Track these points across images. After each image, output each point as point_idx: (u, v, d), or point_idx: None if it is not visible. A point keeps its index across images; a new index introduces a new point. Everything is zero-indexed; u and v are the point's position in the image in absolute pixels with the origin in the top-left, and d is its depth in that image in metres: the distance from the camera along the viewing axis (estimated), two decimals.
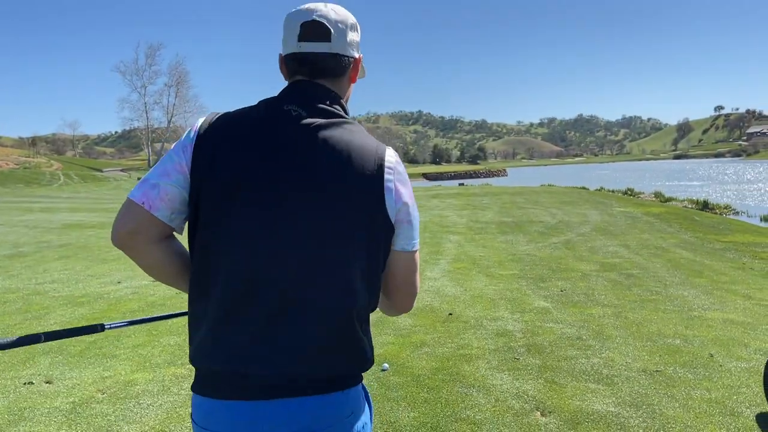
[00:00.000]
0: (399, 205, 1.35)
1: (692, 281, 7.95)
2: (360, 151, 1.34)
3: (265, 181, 1.30)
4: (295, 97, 1.39)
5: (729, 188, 42.53)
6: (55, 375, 4.59)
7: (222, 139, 1.34)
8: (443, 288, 7.57)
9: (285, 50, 1.44)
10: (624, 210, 17.70)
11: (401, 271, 1.41)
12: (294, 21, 1.41)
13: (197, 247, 1.36)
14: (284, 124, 1.35)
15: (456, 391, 4.17)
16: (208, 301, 1.34)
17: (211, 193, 1.31)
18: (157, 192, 1.34)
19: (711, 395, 4.07)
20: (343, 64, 1.44)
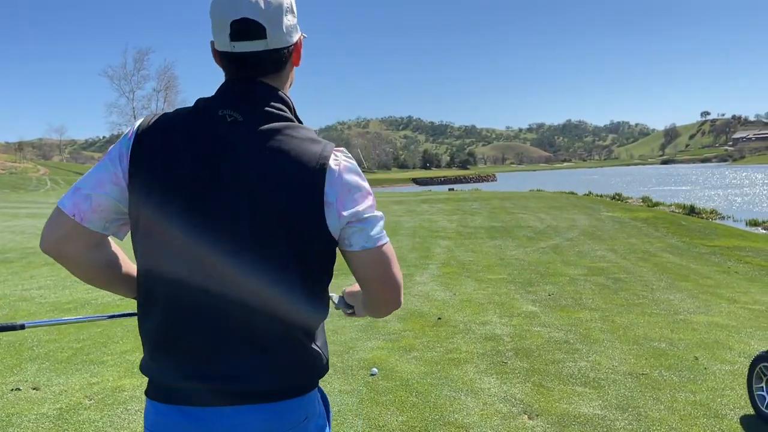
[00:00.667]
0: (343, 216, 1.26)
1: (678, 285, 8.03)
2: (299, 160, 1.25)
3: (199, 199, 1.25)
4: (231, 100, 1.30)
5: (715, 193, 42.94)
6: (42, 381, 4.57)
7: (159, 150, 1.28)
8: (432, 292, 7.60)
9: (218, 45, 1.32)
10: (612, 215, 17.84)
11: (371, 270, 1.32)
12: (223, 16, 1.28)
13: (138, 262, 1.35)
14: (220, 133, 1.27)
15: (444, 395, 4.19)
16: (151, 318, 1.32)
17: (148, 209, 1.27)
18: (89, 204, 1.29)
19: (696, 398, 4.12)
20: (282, 58, 1.34)
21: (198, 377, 1.27)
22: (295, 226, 1.25)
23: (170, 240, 1.26)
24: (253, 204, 1.23)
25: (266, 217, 1.24)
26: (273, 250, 1.25)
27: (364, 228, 1.28)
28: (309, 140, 1.29)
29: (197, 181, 1.25)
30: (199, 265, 1.26)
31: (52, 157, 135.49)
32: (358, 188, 1.29)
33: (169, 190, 1.26)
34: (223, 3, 1.28)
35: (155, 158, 1.27)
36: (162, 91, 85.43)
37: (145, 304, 1.34)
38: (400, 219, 17.83)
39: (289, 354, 1.29)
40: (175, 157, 1.27)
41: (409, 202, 24.87)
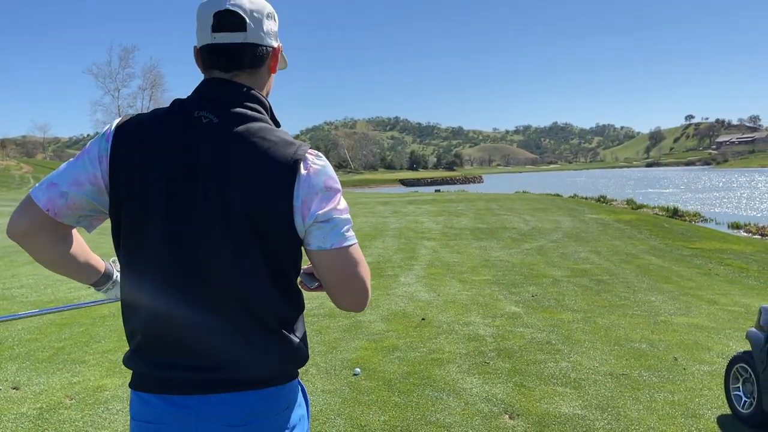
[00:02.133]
0: (307, 217, 1.29)
1: (660, 287, 8.13)
2: (271, 163, 1.28)
3: (176, 200, 1.29)
4: (207, 101, 1.34)
5: (699, 196, 43.42)
6: (23, 381, 4.53)
7: (137, 152, 1.31)
8: (417, 293, 7.63)
9: (199, 42, 1.38)
10: (596, 217, 17.99)
11: (328, 271, 1.34)
12: (207, 11, 1.34)
13: (120, 260, 1.39)
14: (195, 135, 1.30)
15: (426, 395, 4.22)
16: (136, 315, 1.36)
17: (128, 211, 1.32)
18: (64, 201, 1.33)
19: (674, 398, 4.18)
20: (260, 54, 1.38)
21: (182, 368, 1.32)
22: (265, 227, 1.28)
23: (150, 240, 1.31)
24: (226, 205, 1.28)
25: (238, 218, 1.28)
26: (245, 250, 1.29)
27: (323, 227, 1.30)
28: (283, 142, 1.32)
29: (174, 183, 1.29)
30: (178, 263, 1.30)
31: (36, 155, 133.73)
32: (325, 190, 1.31)
33: (148, 191, 1.30)
34: (211, 1, 1.35)
35: (133, 160, 1.31)
36: (148, 90, 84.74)
37: (129, 301, 1.38)
38: (386, 220, 17.86)
39: (269, 345, 1.33)
40: (152, 159, 1.30)
41: (396, 203, 24.91)
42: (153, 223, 1.30)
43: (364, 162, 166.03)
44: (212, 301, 1.31)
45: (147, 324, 1.35)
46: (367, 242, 12.94)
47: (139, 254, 1.33)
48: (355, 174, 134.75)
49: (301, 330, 1.42)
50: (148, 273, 1.32)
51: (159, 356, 1.34)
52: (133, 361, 1.38)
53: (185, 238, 1.30)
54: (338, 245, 1.31)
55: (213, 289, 1.30)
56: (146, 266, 1.33)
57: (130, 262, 1.36)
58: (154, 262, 1.31)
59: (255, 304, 1.32)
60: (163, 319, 1.33)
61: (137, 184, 1.30)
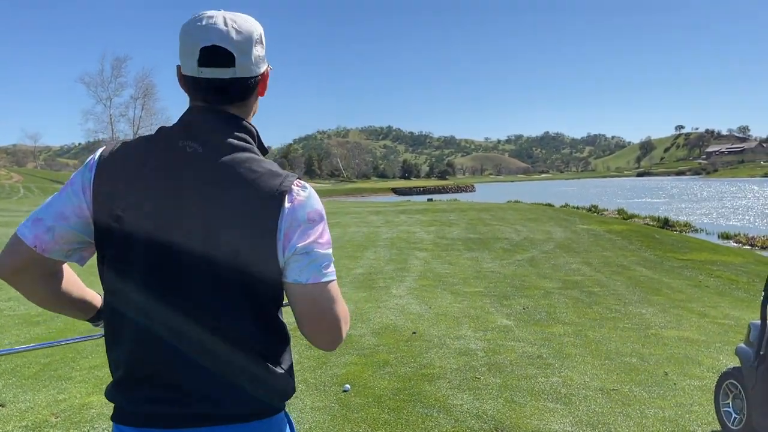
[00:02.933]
0: (288, 249, 1.26)
1: (650, 299, 8.14)
2: (256, 195, 1.25)
3: (160, 232, 1.26)
4: (192, 130, 1.30)
5: (689, 206, 43.69)
6: (8, 398, 4.47)
7: (121, 182, 1.29)
8: (408, 306, 7.60)
9: (185, 69, 1.33)
10: (587, 227, 18.04)
11: (306, 306, 1.30)
12: (192, 42, 1.29)
13: (105, 292, 1.36)
14: (180, 165, 1.27)
15: (417, 412, 4.19)
16: (119, 348, 1.34)
17: (112, 242, 1.29)
18: (51, 236, 1.30)
19: (664, 413, 4.17)
20: (248, 86, 1.35)
21: (165, 402, 1.29)
22: (247, 261, 1.25)
23: (132, 272, 1.29)
24: (209, 238, 1.25)
25: (220, 251, 1.24)
26: (227, 283, 1.26)
27: (301, 260, 1.27)
28: (269, 174, 1.29)
29: (158, 215, 1.26)
30: (160, 297, 1.28)
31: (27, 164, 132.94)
32: (308, 222, 1.28)
33: (132, 222, 1.27)
34: (194, 29, 1.29)
35: (117, 190, 1.29)
36: (140, 99, 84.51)
37: (112, 335, 1.36)
38: (378, 230, 17.84)
39: (253, 379, 1.30)
40: (136, 189, 1.28)
41: (387, 213, 24.90)
42: (135, 254, 1.28)
43: (356, 171, 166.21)
44: (194, 334, 1.28)
45: (129, 357, 1.32)
46: (359, 252, 12.92)
47: (121, 286, 1.31)
48: (347, 183, 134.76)
49: (287, 362, 1.39)
50: (130, 305, 1.30)
51: (142, 390, 1.31)
52: (116, 394, 1.35)
53: (167, 271, 1.27)
54: (314, 281, 1.28)
55: (194, 323, 1.28)
56: (128, 298, 1.30)
57: (112, 294, 1.34)
58: (135, 294, 1.29)
59: (237, 338, 1.29)
60: (145, 352, 1.30)
61: (120, 215, 1.27)
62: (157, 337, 1.29)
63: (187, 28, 1.30)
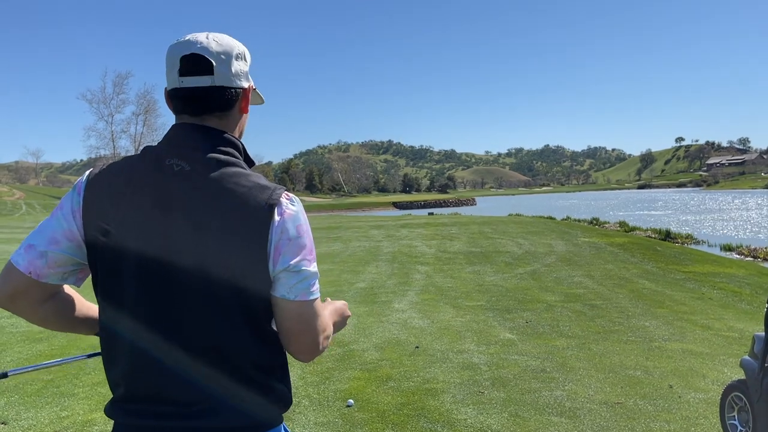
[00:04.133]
0: (278, 263, 1.29)
1: (654, 312, 8.12)
2: (246, 210, 1.27)
3: (151, 250, 1.28)
4: (177, 148, 1.33)
5: (691, 218, 43.65)
6: (11, 415, 4.46)
7: (108, 204, 1.30)
8: (410, 320, 7.59)
9: (169, 85, 1.37)
10: (589, 240, 18.02)
11: (293, 324, 1.33)
12: (175, 54, 1.34)
13: (99, 312, 1.37)
14: (167, 183, 1.29)
15: (421, 427, 4.17)
16: (116, 367, 1.35)
17: (104, 263, 1.31)
18: (44, 261, 1.32)
19: (670, 427, 4.15)
20: (228, 97, 1.36)
21: (164, 417, 1.30)
22: (239, 275, 1.27)
23: (125, 291, 1.30)
24: (200, 253, 1.26)
25: (212, 267, 1.26)
26: (220, 299, 1.28)
27: (291, 278, 1.30)
28: (257, 187, 1.30)
29: (149, 233, 1.28)
30: (154, 314, 1.29)
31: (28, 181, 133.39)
32: (297, 238, 1.31)
33: (121, 242, 1.29)
34: (177, 44, 1.35)
35: (107, 211, 1.30)
36: (141, 115, 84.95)
37: (108, 353, 1.37)
38: (380, 244, 17.84)
39: (249, 393, 1.32)
40: (126, 209, 1.29)
41: (389, 227, 24.90)
42: (127, 274, 1.29)
43: (357, 185, 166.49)
44: (189, 350, 1.29)
45: (127, 374, 1.33)
46: (361, 267, 12.91)
47: (116, 305, 1.32)
48: (348, 197, 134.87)
49: (283, 374, 1.40)
50: (126, 324, 1.31)
51: (140, 406, 1.32)
52: (115, 412, 1.36)
53: (160, 288, 1.28)
54: (302, 299, 1.31)
55: (189, 339, 1.29)
56: (123, 317, 1.31)
57: (107, 313, 1.35)
58: (130, 313, 1.30)
59: (232, 353, 1.30)
60: (143, 369, 1.31)
61: (110, 235, 1.29)
62: (152, 354, 1.30)
63: (171, 46, 1.37)
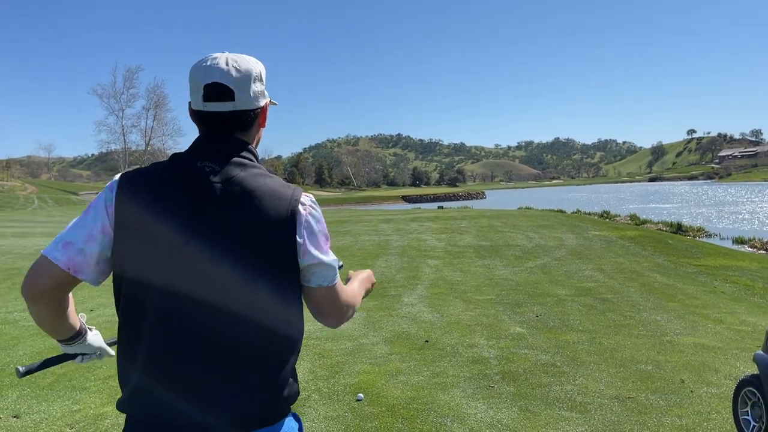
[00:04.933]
0: (309, 252, 1.42)
1: (665, 305, 8.06)
2: (270, 199, 1.40)
3: (173, 244, 1.36)
4: (206, 153, 1.44)
5: (702, 211, 43.31)
6: (23, 409, 4.49)
7: (143, 202, 1.38)
8: (420, 314, 7.58)
9: (193, 105, 1.48)
10: (599, 233, 17.93)
11: (324, 304, 1.51)
12: (198, 80, 1.45)
13: (123, 303, 1.42)
14: (200, 183, 1.39)
15: (431, 421, 4.17)
16: (134, 357, 1.39)
17: (133, 259, 1.37)
18: (83, 257, 1.38)
19: (682, 422, 4.12)
20: (248, 118, 1.50)
21: (180, 411, 1.36)
22: (269, 263, 1.39)
23: (153, 282, 1.37)
24: (235, 244, 1.36)
25: (247, 254, 1.37)
26: (248, 289, 1.37)
27: (318, 268, 1.45)
28: (281, 185, 1.46)
29: (183, 229, 1.36)
30: (180, 306, 1.36)
31: (41, 175, 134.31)
32: (320, 232, 1.46)
33: (152, 236, 1.36)
34: (200, 69, 1.46)
35: (140, 209, 1.38)
36: (152, 110, 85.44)
37: (129, 345, 1.41)
38: (389, 238, 17.82)
39: (266, 384, 1.40)
40: (160, 208, 1.37)
41: (398, 221, 24.88)
42: (157, 266, 1.36)
43: (366, 179, 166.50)
44: (213, 342, 1.36)
45: (146, 367, 1.37)
46: (370, 261, 12.91)
47: (143, 297, 1.38)
48: (357, 191, 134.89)
49: (293, 366, 1.48)
50: (150, 317, 1.37)
51: (157, 399, 1.36)
52: (130, 406, 1.40)
53: (189, 279, 1.36)
54: (329, 284, 1.49)
55: (214, 331, 1.36)
56: (148, 309, 1.37)
57: (131, 305, 1.40)
58: (156, 305, 1.37)
59: (247, 343, 1.38)
60: (164, 361, 1.37)
61: (142, 229, 1.37)
62: (175, 346, 1.36)
63: (194, 69, 1.47)
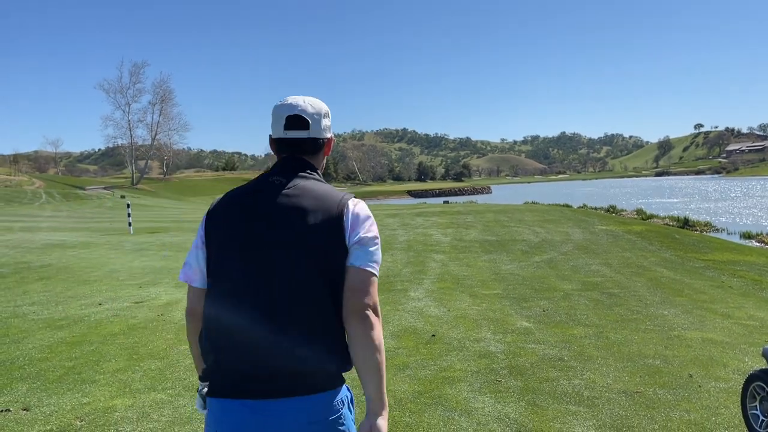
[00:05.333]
0: (353, 234, 1.75)
1: (672, 300, 8.04)
2: (325, 199, 1.77)
3: (250, 240, 1.73)
4: (280, 170, 1.85)
5: (710, 206, 43.11)
6: (33, 402, 4.53)
7: (219, 215, 1.82)
8: (426, 309, 7.59)
9: (274, 134, 1.88)
10: (606, 228, 17.88)
11: (358, 284, 1.72)
12: (281, 113, 1.86)
13: (211, 290, 1.79)
14: (268, 192, 1.79)
15: (438, 415, 4.18)
16: (216, 334, 1.73)
17: (214, 252, 1.79)
18: (190, 268, 1.85)
19: (690, 417, 4.11)
20: (318, 145, 1.90)
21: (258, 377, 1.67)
22: (325, 253, 1.71)
23: (230, 268, 1.74)
24: (299, 238, 1.71)
25: (307, 247, 1.71)
26: (310, 274, 1.70)
27: (361, 248, 1.75)
28: (333, 191, 1.82)
29: (249, 225, 1.75)
30: (254, 286, 1.70)
31: (48, 170, 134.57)
32: (365, 220, 1.79)
33: (230, 232, 1.77)
34: (283, 105, 1.87)
35: (219, 222, 1.81)
36: (158, 104, 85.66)
37: (212, 319, 1.74)
38: (395, 233, 17.81)
39: (331, 354, 1.70)
40: (234, 210, 1.80)
41: (404, 215, 24.85)
42: (233, 255, 1.74)
43: (372, 174, 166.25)
44: (283, 317, 1.67)
45: (227, 339, 1.70)
46: None
47: (222, 279, 1.75)
48: (363, 186, 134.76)
49: (344, 340, 1.75)
50: (230, 295, 1.72)
51: (239, 367, 1.69)
52: (216, 373, 1.73)
53: (260, 265, 1.71)
54: (366, 268, 1.74)
55: (283, 307, 1.68)
56: (227, 290, 1.73)
57: (214, 286, 1.77)
58: (232, 286, 1.72)
59: (318, 319, 1.69)
60: (242, 333, 1.68)
61: (222, 227, 1.79)
62: (252, 320, 1.67)
63: (277, 106, 1.89)
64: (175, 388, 4.78)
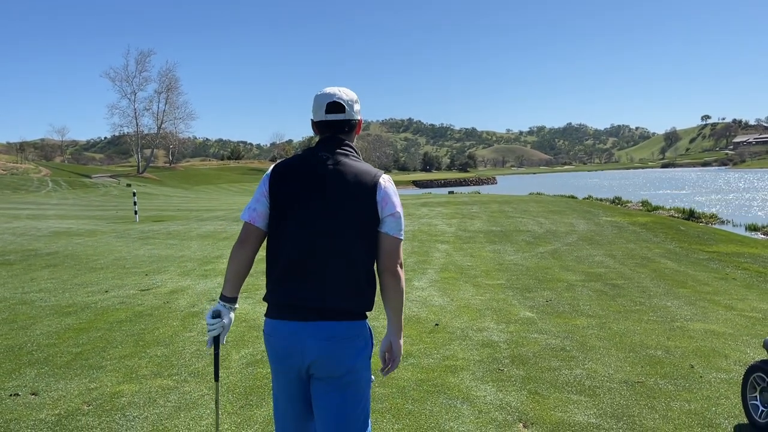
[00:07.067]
0: (385, 208, 2.32)
1: (676, 291, 8.05)
2: (362, 175, 2.33)
3: (304, 200, 2.30)
4: (325, 147, 2.39)
5: (715, 197, 42.93)
6: (41, 387, 4.60)
7: (282, 176, 2.37)
8: (430, 298, 7.62)
9: (316, 118, 2.42)
10: (611, 219, 17.85)
11: (388, 248, 2.33)
12: (322, 100, 2.39)
13: (270, 236, 2.38)
14: (318, 164, 2.35)
15: (440, 403, 4.22)
16: (275, 267, 2.33)
17: (276, 208, 2.35)
18: (255, 212, 2.39)
19: (690, 407, 4.14)
20: (352, 125, 2.45)
21: (301, 303, 2.28)
22: (361, 216, 2.29)
23: (289, 221, 2.31)
24: (341, 203, 2.28)
25: (348, 210, 2.28)
26: (351, 229, 2.28)
27: (394, 220, 2.34)
28: (368, 168, 2.36)
29: (308, 192, 2.31)
30: (308, 234, 2.28)
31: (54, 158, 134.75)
32: (393, 196, 2.36)
33: (290, 194, 2.33)
34: (322, 95, 2.40)
35: (282, 182, 2.36)
36: (164, 93, 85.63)
37: (273, 259, 2.35)
38: None
39: (361, 293, 2.31)
40: (294, 180, 2.34)
41: (409, 206, 24.87)
42: (292, 211, 2.31)
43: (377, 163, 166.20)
44: (322, 260, 2.26)
45: (284, 273, 2.30)
46: None
47: (283, 232, 2.33)
48: None
49: (374, 284, 2.36)
50: (288, 240, 2.30)
51: (289, 295, 2.29)
52: (270, 297, 2.35)
53: (313, 219, 2.28)
54: (396, 234, 2.35)
55: (322, 253, 2.26)
56: (287, 236, 2.31)
57: (276, 233, 2.35)
58: (291, 234, 2.30)
59: (355, 264, 2.28)
60: (295, 270, 2.28)
61: (281, 195, 2.34)
62: (304, 261, 2.27)
63: (318, 95, 2.42)
64: (181, 374, 4.84)
